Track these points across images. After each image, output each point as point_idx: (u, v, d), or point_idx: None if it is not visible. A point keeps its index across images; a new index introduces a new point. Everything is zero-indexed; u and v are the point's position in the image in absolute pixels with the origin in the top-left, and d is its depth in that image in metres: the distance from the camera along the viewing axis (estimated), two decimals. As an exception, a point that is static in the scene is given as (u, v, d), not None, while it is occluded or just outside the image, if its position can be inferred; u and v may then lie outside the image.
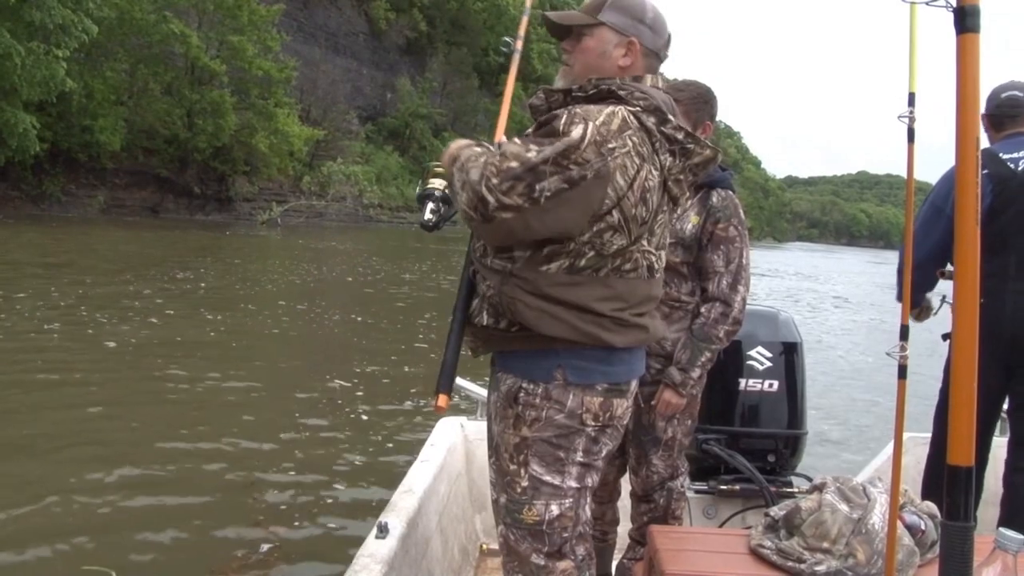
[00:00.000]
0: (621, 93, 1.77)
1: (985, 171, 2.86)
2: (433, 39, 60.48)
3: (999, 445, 3.07)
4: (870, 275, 47.73)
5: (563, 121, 1.67)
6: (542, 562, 1.87)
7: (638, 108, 1.75)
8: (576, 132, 1.65)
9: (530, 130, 1.77)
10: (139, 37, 32.61)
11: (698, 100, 2.64)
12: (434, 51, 60.71)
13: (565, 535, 1.87)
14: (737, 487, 3.31)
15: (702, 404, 2.84)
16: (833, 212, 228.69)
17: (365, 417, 6.79)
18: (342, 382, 7.99)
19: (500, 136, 2.13)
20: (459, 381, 3.78)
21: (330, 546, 4.19)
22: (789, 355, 3.38)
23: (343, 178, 43.71)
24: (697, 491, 3.35)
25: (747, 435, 3.34)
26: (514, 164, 1.63)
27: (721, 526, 3.29)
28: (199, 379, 7.53)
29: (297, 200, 41.02)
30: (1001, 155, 2.93)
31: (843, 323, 19.49)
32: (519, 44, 2.47)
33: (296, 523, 4.45)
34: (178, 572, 3.88)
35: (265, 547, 4.14)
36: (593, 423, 1.84)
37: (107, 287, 12.77)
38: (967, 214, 1.03)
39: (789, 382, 3.35)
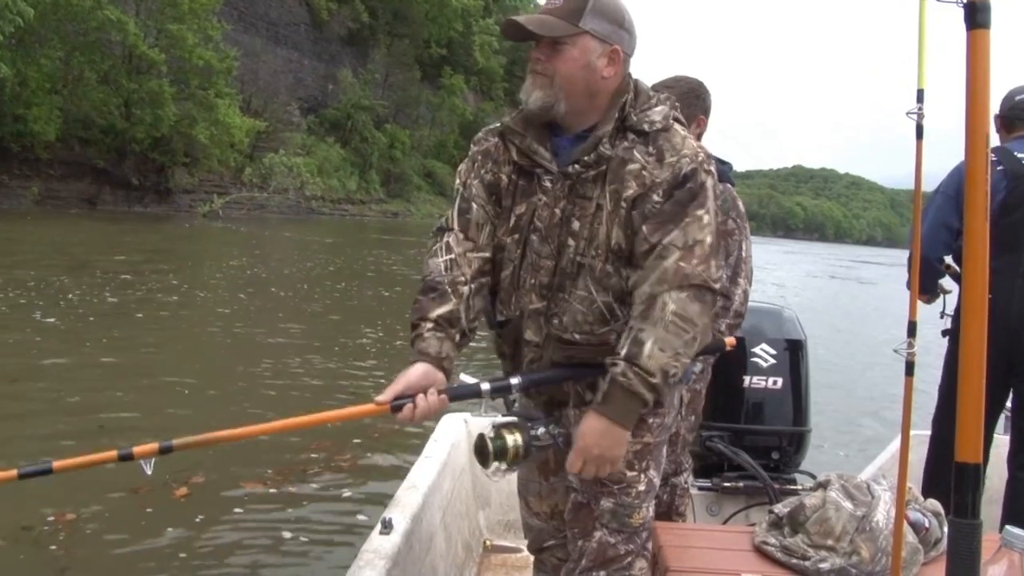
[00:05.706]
0: (666, 111, 1.79)
1: (1000, 167, 2.92)
2: (375, 30, 59.62)
3: (998, 443, 3.12)
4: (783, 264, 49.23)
5: (697, 179, 1.71)
6: (641, 562, 1.91)
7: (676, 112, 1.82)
8: (708, 178, 1.72)
9: (658, 197, 1.70)
10: (74, 24, 31.39)
11: (690, 95, 2.63)
12: (376, 43, 59.89)
13: (647, 532, 1.92)
14: (741, 484, 3.35)
15: (706, 401, 2.89)
16: (770, 205, 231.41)
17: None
18: (345, 374, 7.94)
19: None
20: (463, 376, 3.80)
21: (334, 542, 4.17)
22: (793, 352, 3.42)
23: (285, 170, 42.98)
24: (701, 488, 3.39)
25: (751, 432, 3.38)
26: (709, 239, 1.67)
27: (725, 523, 3.33)
28: (186, 370, 7.46)
29: (238, 192, 40.21)
30: (1016, 154, 2.96)
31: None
32: None
33: (299, 520, 4.41)
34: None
35: (269, 543, 4.12)
36: (676, 413, 1.94)
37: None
38: (977, 210, 1.03)
39: (793, 379, 3.39)
